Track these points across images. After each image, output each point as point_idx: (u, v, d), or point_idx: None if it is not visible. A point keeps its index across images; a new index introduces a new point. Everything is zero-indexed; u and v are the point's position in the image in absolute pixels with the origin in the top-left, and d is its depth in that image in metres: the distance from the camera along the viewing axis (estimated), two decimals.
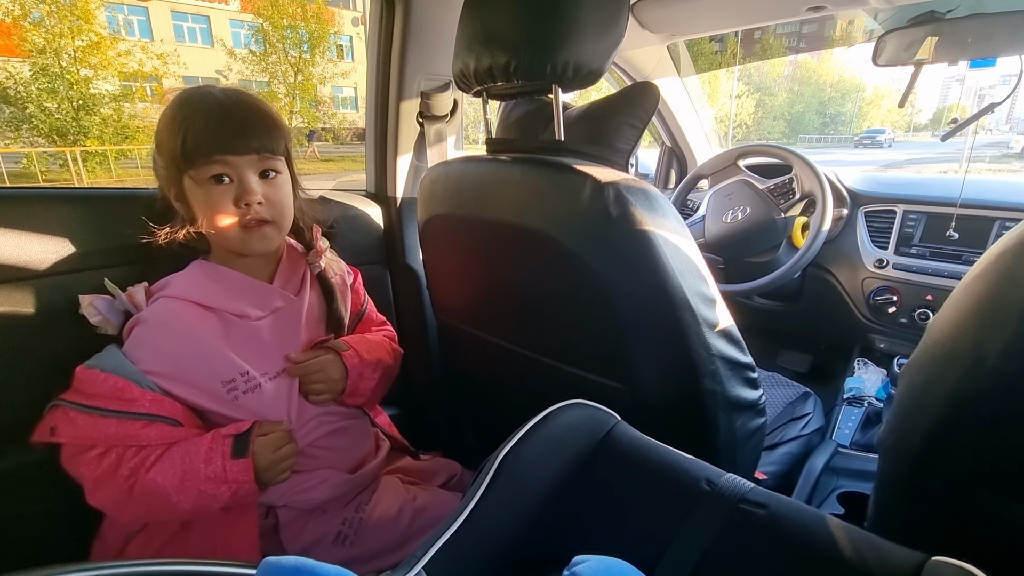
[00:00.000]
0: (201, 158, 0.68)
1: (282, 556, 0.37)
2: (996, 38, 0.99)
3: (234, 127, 0.69)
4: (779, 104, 32.14)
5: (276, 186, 0.74)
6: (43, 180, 11.04)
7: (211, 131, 0.68)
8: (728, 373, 0.73)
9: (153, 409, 0.66)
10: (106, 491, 0.64)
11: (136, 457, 0.65)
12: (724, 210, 1.45)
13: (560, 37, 0.66)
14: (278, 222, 0.75)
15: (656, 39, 1.41)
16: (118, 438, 0.64)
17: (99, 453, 0.64)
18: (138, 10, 15.53)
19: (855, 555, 0.45)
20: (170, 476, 0.64)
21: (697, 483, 0.55)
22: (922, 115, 44.27)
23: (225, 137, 0.68)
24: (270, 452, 0.69)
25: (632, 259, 0.66)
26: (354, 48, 19.44)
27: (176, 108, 0.69)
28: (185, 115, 0.68)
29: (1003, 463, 0.49)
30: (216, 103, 0.69)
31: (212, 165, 0.69)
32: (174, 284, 0.73)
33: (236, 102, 0.71)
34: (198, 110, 0.68)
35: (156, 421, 0.66)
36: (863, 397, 1.32)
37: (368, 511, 0.80)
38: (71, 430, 0.64)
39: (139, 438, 0.65)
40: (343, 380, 0.80)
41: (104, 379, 0.65)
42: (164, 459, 0.65)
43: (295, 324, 0.79)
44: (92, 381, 0.65)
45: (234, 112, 0.70)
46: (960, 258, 1.26)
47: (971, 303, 0.49)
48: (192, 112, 0.68)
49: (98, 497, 0.65)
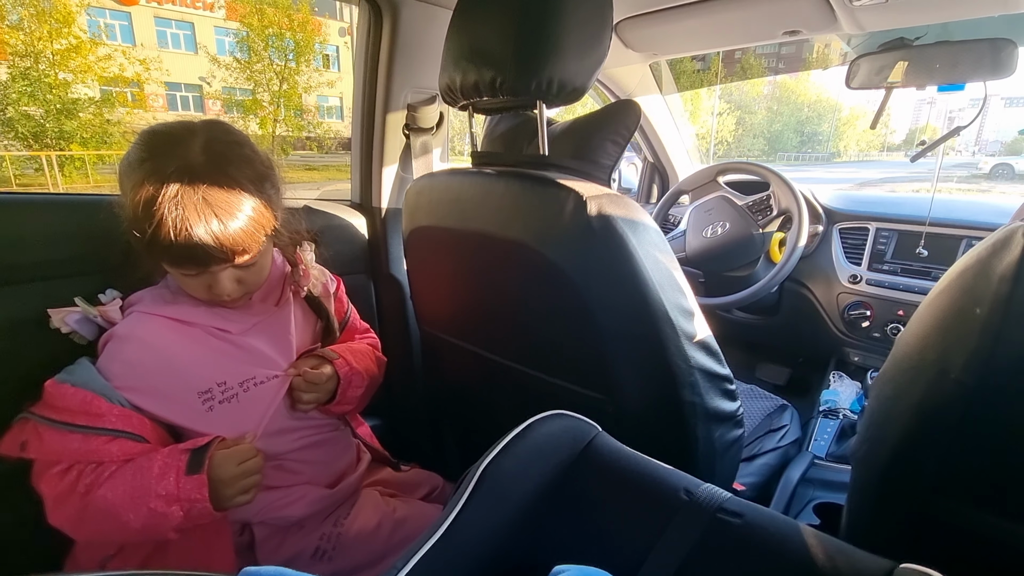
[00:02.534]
0: (174, 262, 0.66)
1: (260, 567, 0.37)
2: (961, 65, 1.03)
3: (212, 246, 0.62)
4: (759, 122, 32.89)
5: (254, 270, 0.72)
6: (17, 185, 10.76)
7: (186, 247, 0.62)
8: (707, 385, 0.74)
9: (119, 424, 0.64)
10: (64, 509, 0.62)
11: (93, 473, 0.62)
12: (704, 225, 1.48)
13: (545, 54, 0.68)
14: (252, 291, 0.75)
15: (639, 58, 1.45)
16: (81, 454, 0.63)
17: (61, 470, 0.63)
18: (120, 15, 15.34)
19: (828, 563, 0.46)
20: (120, 493, 0.61)
21: (676, 493, 0.55)
22: (895, 135, 45.62)
23: (201, 257, 0.64)
24: (232, 466, 0.65)
25: (613, 272, 0.67)
26: (340, 58, 19.43)
27: (149, 183, 0.61)
28: (159, 208, 0.60)
29: (967, 473, 0.50)
30: (194, 204, 0.61)
31: (185, 267, 0.66)
32: (148, 299, 0.72)
33: (218, 192, 0.63)
34: (173, 208, 0.60)
35: (120, 437, 0.64)
36: (838, 409, 1.35)
37: (347, 525, 0.79)
38: (39, 446, 0.62)
39: (100, 454, 0.63)
40: (333, 389, 0.80)
41: (73, 393, 0.63)
42: (116, 475, 0.62)
43: (283, 332, 0.79)
44: (61, 396, 0.63)
45: (212, 222, 0.62)
46: (929, 275, 1.30)
47: (935, 318, 0.51)
48: (167, 209, 0.60)
49: (57, 516, 0.62)
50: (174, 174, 0.61)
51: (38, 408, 0.64)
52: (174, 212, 0.60)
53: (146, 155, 0.63)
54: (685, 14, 1.15)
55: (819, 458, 1.20)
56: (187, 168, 0.62)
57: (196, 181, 0.62)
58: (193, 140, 0.65)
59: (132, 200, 0.62)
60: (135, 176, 0.63)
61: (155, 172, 0.61)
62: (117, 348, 0.68)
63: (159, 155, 0.63)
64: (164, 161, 0.62)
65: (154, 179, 0.61)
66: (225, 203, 0.63)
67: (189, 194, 0.61)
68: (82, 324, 0.70)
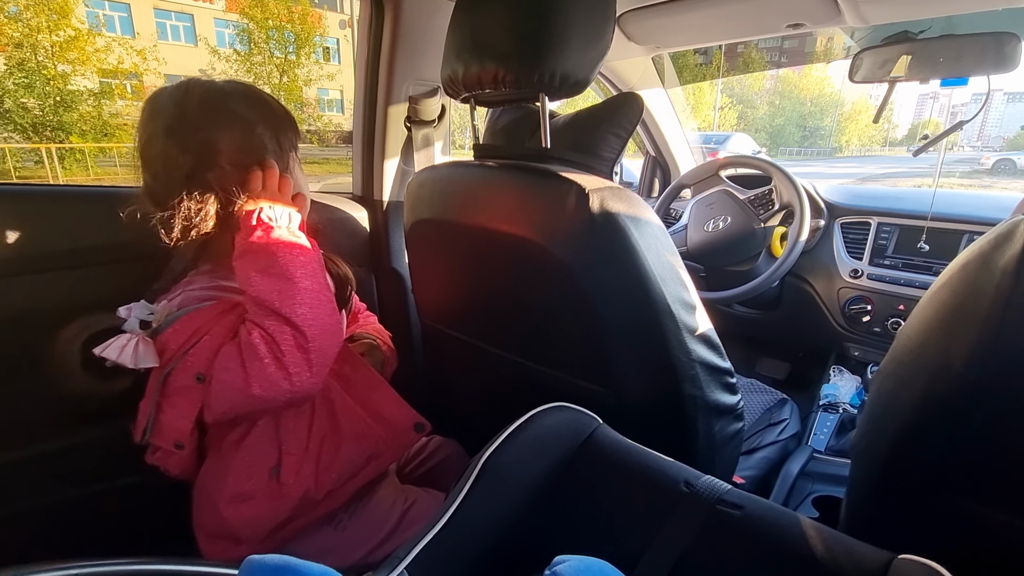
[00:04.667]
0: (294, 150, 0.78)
1: (265, 555, 0.37)
2: (965, 59, 1.03)
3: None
4: (761, 117, 32.77)
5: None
6: (16, 177, 10.75)
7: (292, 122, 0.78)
8: (707, 378, 0.74)
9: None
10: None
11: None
12: (706, 219, 1.48)
13: (548, 47, 0.67)
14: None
15: (641, 51, 1.44)
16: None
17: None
18: (120, 7, 15.26)
19: (826, 554, 0.47)
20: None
21: (676, 485, 0.56)
22: (898, 130, 45.50)
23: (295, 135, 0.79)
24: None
25: (615, 265, 0.67)
26: (340, 51, 19.34)
27: (258, 108, 0.73)
28: (276, 113, 0.75)
29: (967, 466, 0.51)
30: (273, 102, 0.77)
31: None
32: (205, 281, 0.73)
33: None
34: (269, 108, 0.75)
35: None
36: (838, 403, 1.35)
37: (365, 500, 0.82)
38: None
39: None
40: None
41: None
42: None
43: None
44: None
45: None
46: (931, 269, 1.30)
47: (937, 312, 0.51)
48: (273, 111, 0.75)
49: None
50: (255, 95, 0.76)
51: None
52: (269, 102, 0.76)
53: (244, 102, 0.73)
54: (688, 7, 1.15)
55: (819, 452, 1.21)
56: (261, 96, 0.77)
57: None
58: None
59: (277, 121, 0.74)
60: (252, 115, 0.72)
61: (253, 96, 0.75)
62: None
63: (243, 90, 0.75)
64: (245, 91, 0.74)
65: (253, 96, 0.74)
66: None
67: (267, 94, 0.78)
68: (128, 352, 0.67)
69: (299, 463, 0.72)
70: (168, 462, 0.72)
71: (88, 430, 0.85)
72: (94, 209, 0.82)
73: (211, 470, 0.74)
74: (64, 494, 0.72)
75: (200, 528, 0.75)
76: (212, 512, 0.71)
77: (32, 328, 0.71)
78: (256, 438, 0.72)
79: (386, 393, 0.81)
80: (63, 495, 0.73)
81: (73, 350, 0.66)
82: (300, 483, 0.71)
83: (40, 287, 0.74)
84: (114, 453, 0.85)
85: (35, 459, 0.71)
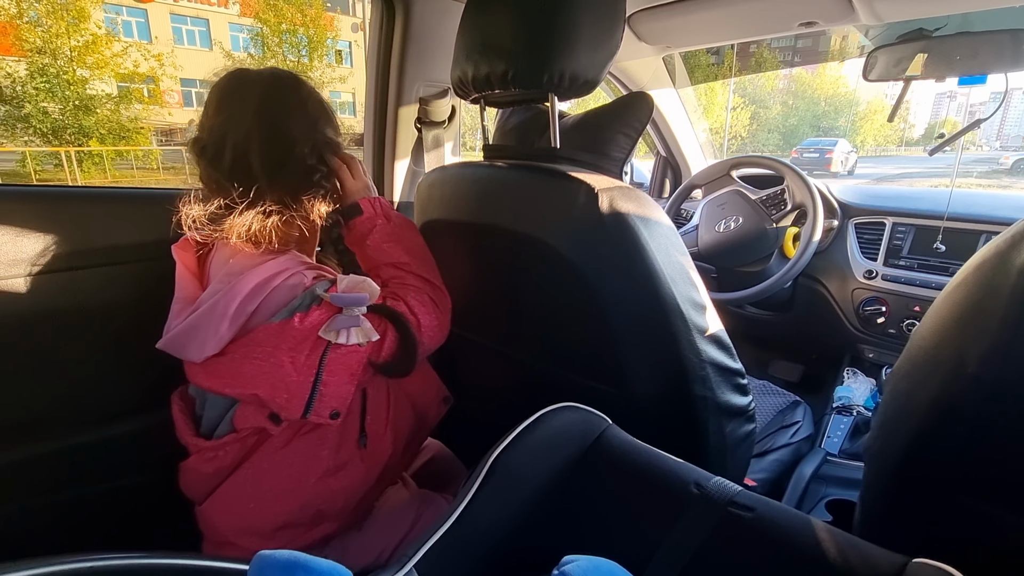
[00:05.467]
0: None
1: (275, 551, 0.38)
2: (982, 56, 1.01)
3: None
4: (774, 117, 32.43)
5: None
6: (37, 180, 10.96)
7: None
8: (718, 379, 0.74)
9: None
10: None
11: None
12: (717, 219, 1.47)
13: (557, 47, 0.68)
14: None
15: (652, 51, 1.43)
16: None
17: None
18: (137, 12, 15.51)
19: (839, 557, 0.46)
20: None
21: (686, 486, 0.55)
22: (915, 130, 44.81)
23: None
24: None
25: (624, 265, 0.67)
26: (352, 54, 19.48)
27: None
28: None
29: (983, 468, 0.50)
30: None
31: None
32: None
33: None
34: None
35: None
36: (852, 406, 1.33)
37: (382, 501, 0.83)
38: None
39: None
40: None
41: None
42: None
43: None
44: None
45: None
46: (947, 270, 1.28)
47: (952, 312, 0.51)
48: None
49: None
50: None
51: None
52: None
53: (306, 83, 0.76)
54: (698, 6, 1.14)
55: (832, 455, 1.19)
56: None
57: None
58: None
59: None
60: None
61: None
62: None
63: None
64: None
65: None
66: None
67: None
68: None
69: (382, 429, 0.78)
70: (229, 449, 0.71)
71: (96, 429, 0.86)
72: (121, 209, 0.83)
73: (289, 455, 0.72)
74: (70, 493, 0.73)
75: (233, 527, 0.73)
76: (291, 496, 0.71)
77: (48, 326, 0.73)
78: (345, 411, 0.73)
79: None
80: (68, 494, 0.74)
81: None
82: (384, 448, 0.78)
83: (42, 287, 0.75)
84: (122, 452, 0.87)
85: (43, 457, 0.72)
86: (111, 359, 0.85)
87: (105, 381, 0.86)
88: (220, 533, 0.74)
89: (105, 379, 0.86)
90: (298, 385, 0.66)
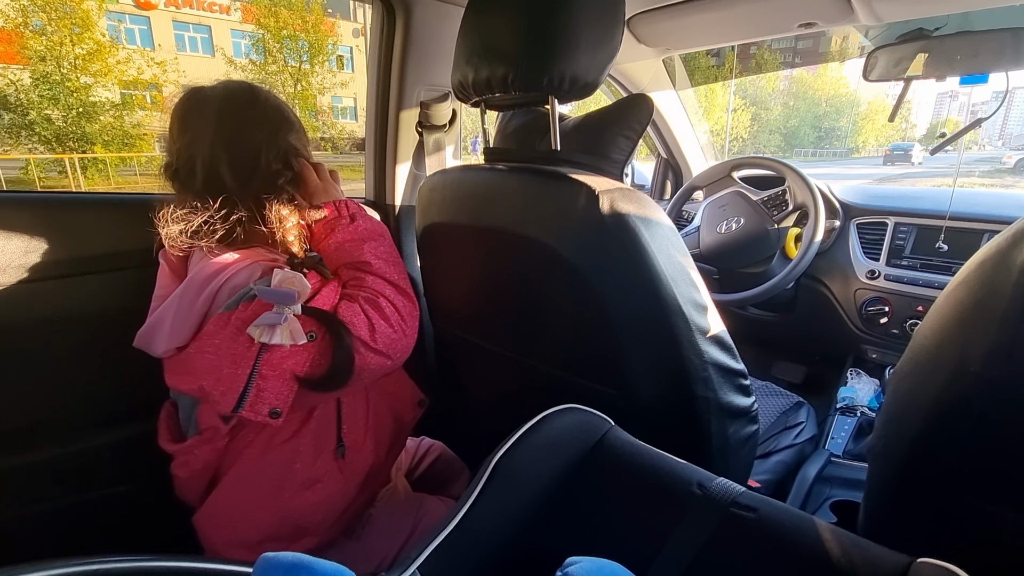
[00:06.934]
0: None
1: (279, 552, 0.38)
2: (982, 55, 1.01)
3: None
4: (774, 118, 32.41)
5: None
6: (41, 187, 11.01)
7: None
8: (720, 380, 0.74)
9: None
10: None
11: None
12: (718, 221, 1.47)
13: (557, 50, 0.68)
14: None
15: (652, 53, 1.44)
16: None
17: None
18: (140, 19, 15.60)
19: (843, 557, 0.46)
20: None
21: (689, 487, 0.55)
22: (916, 130, 44.71)
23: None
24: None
25: (626, 266, 0.67)
26: (354, 59, 19.55)
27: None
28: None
29: (986, 467, 0.50)
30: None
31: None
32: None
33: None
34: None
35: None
36: (856, 407, 1.33)
37: (378, 508, 0.83)
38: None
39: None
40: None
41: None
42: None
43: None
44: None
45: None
46: (950, 270, 1.27)
47: (954, 311, 0.50)
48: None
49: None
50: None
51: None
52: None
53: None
54: (698, 8, 1.14)
55: (836, 456, 1.19)
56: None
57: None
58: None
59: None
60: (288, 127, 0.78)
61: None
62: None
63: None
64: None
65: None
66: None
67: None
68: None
69: (361, 439, 0.76)
70: (197, 452, 0.71)
71: (97, 434, 0.86)
72: (114, 215, 0.84)
73: (265, 467, 0.72)
74: (63, 500, 0.72)
75: (223, 539, 0.73)
76: (270, 509, 0.71)
77: (42, 333, 0.73)
78: (318, 421, 0.73)
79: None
80: (62, 501, 0.74)
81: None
82: (364, 458, 0.76)
83: (35, 294, 0.75)
84: (122, 458, 0.86)
85: (36, 464, 0.71)
86: (105, 365, 0.85)
87: (99, 387, 0.86)
88: (213, 544, 0.74)
89: (99, 385, 0.86)
90: (231, 377, 0.64)
